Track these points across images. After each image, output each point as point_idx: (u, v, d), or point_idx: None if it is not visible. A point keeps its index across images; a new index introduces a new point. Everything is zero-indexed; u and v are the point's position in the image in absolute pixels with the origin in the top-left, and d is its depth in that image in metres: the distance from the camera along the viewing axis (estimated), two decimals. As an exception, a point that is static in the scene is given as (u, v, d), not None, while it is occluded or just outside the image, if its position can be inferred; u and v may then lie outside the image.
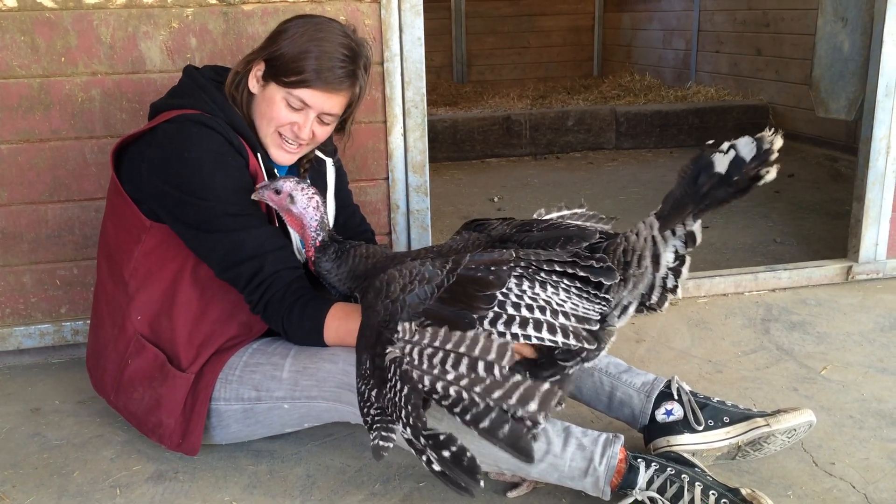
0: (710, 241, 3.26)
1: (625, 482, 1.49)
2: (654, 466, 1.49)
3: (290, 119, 1.68)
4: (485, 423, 1.27)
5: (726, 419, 1.66)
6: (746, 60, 5.66)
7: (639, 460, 1.50)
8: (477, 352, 1.31)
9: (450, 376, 1.31)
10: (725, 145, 1.36)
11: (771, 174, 1.34)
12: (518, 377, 1.29)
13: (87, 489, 1.69)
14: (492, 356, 1.30)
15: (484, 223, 1.73)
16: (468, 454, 1.28)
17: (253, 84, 1.70)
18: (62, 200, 2.17)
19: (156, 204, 1.65)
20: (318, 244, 1.64)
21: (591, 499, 1.53)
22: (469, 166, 5.13)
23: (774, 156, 1.33)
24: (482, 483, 1.29)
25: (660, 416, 1.68)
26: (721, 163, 1.34)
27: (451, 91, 7.05)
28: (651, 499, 1.47)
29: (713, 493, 1.45)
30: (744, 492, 1.45)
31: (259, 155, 1.71)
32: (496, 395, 1.27)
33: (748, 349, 2.29)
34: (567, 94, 6.70)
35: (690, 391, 1.71)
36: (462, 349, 1.32)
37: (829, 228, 3.39)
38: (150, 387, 1.71)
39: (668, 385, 1.71)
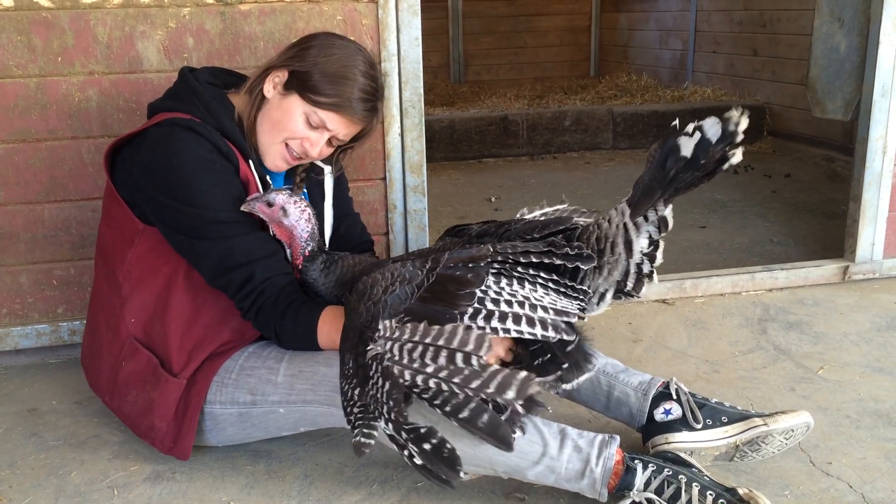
0: (707, 241, 3.27)
1: (622, 483, 1.49)
2: (651, 467, 1.49)
3: (304, 134, 1.68)
4: (464, 414, 1.30)
5: (724, 419, 1.66)
6: (743, 61, 5.67)
7: (636, 461, 1.50)
8: (455, 344, 1.35)
9: (429, 369, 1.34)
10: (691, 127, 1.38)
11: (737, 156, 1.36)
12: (495, 367, 1.32)
13: (85, 489, 1.68)
14: (470, 347, 1.34)
15: (464, 228, 1.75)
16: (448, 446, 1.31)
17: (269, 89, 1.68)
18: (59, 200, 2.16)
19: (147, 208, 1.64)
20: (306, 254, 1.65)
21: (590, 500, 1.53)
22: (466, 166, 5.13)
23: (740, 137, 1.34)
24: (462, 475, 1.31)
25: (658, 415, 1.68)
26: (687, 146, 1.37)
27: (448, 91, 7.04)
28: (648, 500, 1.47)
29: (710, 494, 1.45)
30: (741, 491, 1.45)
31: (251, 162, 1.69)
32: (475, 384, 1.30)
33: (745, 349, 2.29)
34: (564, 94, 6.70)
35: (689, 392, 1.71)
36: (441, 342, 1.36)
37: (826, 228, 3.39)
38: (143, 390, 1.70)
39: (667, 386, 1.72)
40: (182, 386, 1.67)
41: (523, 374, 1.31)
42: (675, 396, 1.70)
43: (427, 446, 1.31)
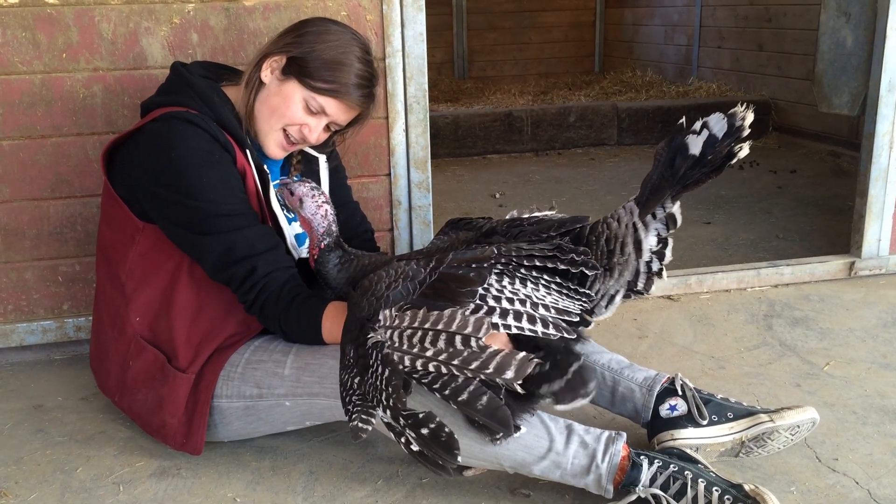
0: (713, 236, 3.26)
1: (628, 479, 1.48)
2: (657, 463, 1.49)
3: (303, 120, 1.69)
4: (463, 396, 1.31)
5: (730, 415, 1.66)
6: (748, 56, 5.65)
7: (642, 457, 1.50)
8: (454, 327, 1.35)
9: (429, 353, 1.34)
10: (698, 125, 1.39)
11: (744, 150, 1.37)
12: (494, 347, 1.32)
13: (91, 485, 1.69)
14: (469, 330, 1.34)
15: (470, 221, 1.75)
16: (446, 430, 1.32)
17: (266, 74, 1.68)
18: (64, 197, 2.17)
19: (147, 205, 1.65)
20: (322, 246, 1.67)
21: (595, 496, 1.53)
22: (471, 162, 5.13)
23: (746, 132, 1.35)
24: (459, 458, 1.31)
25: (664, 411, 1.68)
26: (695, 144, 1.38)
27: (452, 87, 7.04)
28: (654, 496, 1.47)
29: (716, 490, 1.45)
30: (747, 488, 1.45)
31: (248, 151, 1.69)
32: (473, 365, 1.30)
33: (751, 345, 2.29)
34: (568, 90, 6.69)
35: (694, 388, 1.71)
36: (440, 326, 1.36)
37: (832, 224, 3.38)
38: (152, 388, 1.71)
39: (672, 382, 1.71)
40: (191, 381, 1.67)
41: (522, 354, 1.31)
42: (680, 392, 1.69)
43: (425, 431, 1.32)
